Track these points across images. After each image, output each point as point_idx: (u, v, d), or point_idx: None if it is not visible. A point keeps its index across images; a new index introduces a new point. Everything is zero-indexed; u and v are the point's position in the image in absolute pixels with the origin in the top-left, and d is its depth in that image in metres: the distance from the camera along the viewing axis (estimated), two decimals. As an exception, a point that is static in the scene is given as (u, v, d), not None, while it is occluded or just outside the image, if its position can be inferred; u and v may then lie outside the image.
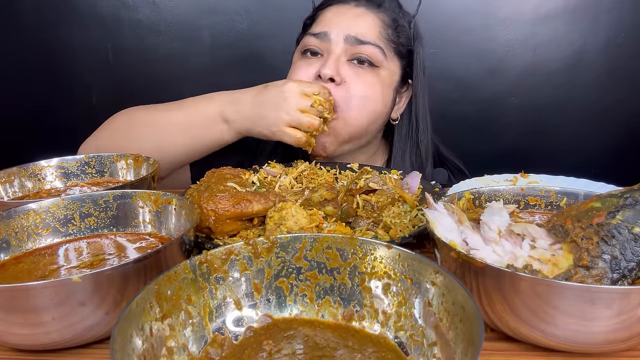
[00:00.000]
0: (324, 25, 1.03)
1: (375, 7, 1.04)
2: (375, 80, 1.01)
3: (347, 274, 0.52)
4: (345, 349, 0.47)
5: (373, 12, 1.04)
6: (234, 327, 0.50)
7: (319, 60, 1.01)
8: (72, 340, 0.51)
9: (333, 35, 1.00)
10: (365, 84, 0.99)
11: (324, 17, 1.05)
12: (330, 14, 1.04)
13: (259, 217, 0.73)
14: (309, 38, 1.03)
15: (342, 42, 0.99)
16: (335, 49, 0.99)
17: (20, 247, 0.66)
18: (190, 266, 0.48)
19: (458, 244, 0.57)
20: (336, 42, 1.00)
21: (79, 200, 0.70)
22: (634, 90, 1.85)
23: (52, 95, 1.90)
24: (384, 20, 1.04)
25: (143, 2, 1.81)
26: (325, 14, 1.05)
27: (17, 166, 0.93)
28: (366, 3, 1.04)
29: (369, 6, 1.04)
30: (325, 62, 0.98)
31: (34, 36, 1.84)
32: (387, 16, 1.05)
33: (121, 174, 0.99)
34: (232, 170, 0.83)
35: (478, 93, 1.85)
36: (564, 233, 0.54)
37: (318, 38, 1.01)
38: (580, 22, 1.78)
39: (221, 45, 1.84)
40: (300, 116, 0.91)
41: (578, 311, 0.44)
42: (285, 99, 0.91)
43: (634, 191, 0.55)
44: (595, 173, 0.89)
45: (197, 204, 0.70)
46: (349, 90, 0.98)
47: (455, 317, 0.42)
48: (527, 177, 0.91)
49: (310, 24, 1.08)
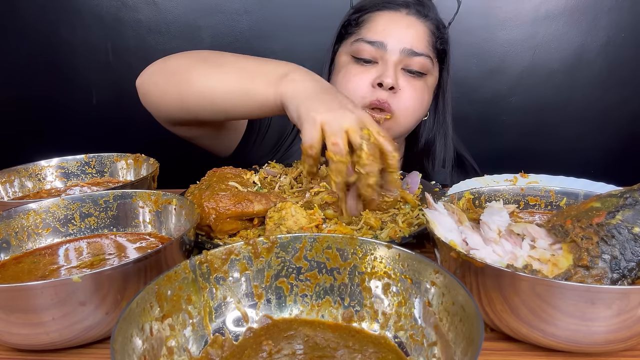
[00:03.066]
0: (378, 33, 1.04)
1: (424, 16, 1.07)
2: (424, 87, 1.08)
3: (347, 274, 0.52)
4: (345, 349, 0.47)
5: (422, 21, 1.07)
6: (234, 327, 0.50)
7: (374, 68, 1.04)
8: (72, 340, 0.51)
9: (390, 46, 1.03)
10: (416, 92, 1.06)
11: (377, 24, 1.06)
12: (384, 22, 1.06)
13: (259, 217, 0.73)
14: (364, 45, 1.04)
15: (399, 53, 1.03)
16: (391, 58, 1.03)
17: (20, 247, 0.66)
18: (190, 266, 0.48)
19: (458, 244, 0.57)
20: (392, 52, 1.03)
21: (79, 200, 0.70)
22: (634, 90, 1.85)
23: (52, 95, 1.90)
24: (431, 29, 1.08)
25: (143, 2, 1.80)
26: (377, 20, 1.06)
27: (17, 166, 0.93)
28: (416, 12, 1.07)
29: (418, 15, 1.07)
30: (385, 72, 1.02)
31: (34, 36, 1.84)
32: (432, 24, 1.08)
33: (121, 174, 0.99)
34: (233, 170, 0.83)
35: (478, 93, 1.85)
36: (563, 233, 0.54)
37: (374, 46, 1.03)
38: (580, 22, 1.78)
39: (221, 45, 1.84)
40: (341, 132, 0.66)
41: (578, 311, 0.45)
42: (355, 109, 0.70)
43: (634, 191, 0.55)
44: (595, 173, 0.89)
45: (198, 202, 0.70)
46: (402, 98, 1.04)
47: (455, 317, 0.42)
48: (527, 177, 0.91)
49: (357, 24, 1.09)
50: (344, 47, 1.11)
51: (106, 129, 1.85)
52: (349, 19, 1.12)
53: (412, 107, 1.06)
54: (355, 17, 1.10)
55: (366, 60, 1.05)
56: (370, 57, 1.04)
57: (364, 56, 1.04)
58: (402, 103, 1.04)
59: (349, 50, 1.08)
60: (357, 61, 1.06)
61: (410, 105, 1.05)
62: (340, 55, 1.12)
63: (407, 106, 1.04)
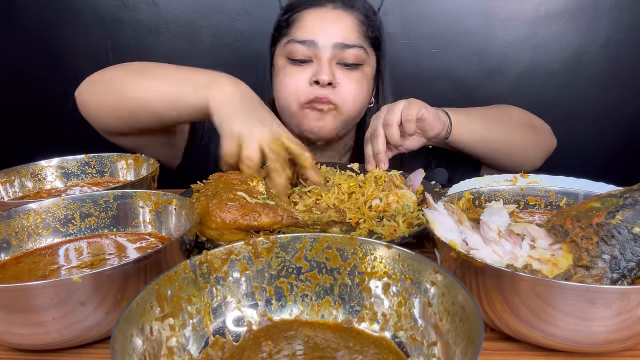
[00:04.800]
0: (307, 31, 1.05)
1: (350, 7, 1.08)
2: (362, 77, 1.09)
3: (347, 274, 0.52)
4: (345, 350, 0.47)
5: (349, 13, 1.07)
6: (234, 327, 0.50)
7: (310, 67, 1.05)
8: (72, 340, 0.51)
9: (321, 43, 1.03)
10: (354, 84, 1.07)
11: (305, 22, 1.06)
12: (311, 19, 1.06)
13: (265, 230, 0.72)
14: (295, 45, 1.05)
15: (330, 49, 1.04)
16: (324, 54, 1.04)
17: (20, 247, 0.66)
18: (191, 266, 0.48)
19: (458, 244, 0.57)
20: (324, 49, 1.03)
21: (79, 200, 0.70)
22: (634, 90, 1.85)
23: (52, 95, 1.90)
24: (360, 19, 1.08)
25: (143, 2, 1.80)
26: (304, 18, 1.07)
27: (17, 166, 0.93)
28: (342, 5, 1.07)
29: (345, 8, 1.07)
30: (320, 69, 1.03)
31: (34, 36, 1.84)
32: (360, 14, 1.08)
33: (121, 174, 0.99)
34: (239, 176, 0.82)
35: (478, 93, 1.85)
36: (563, 233, 0.54)
37: (305, 45, 1.04)
38: (580, 22, 1.78)
39: (221, 45, 1.84)
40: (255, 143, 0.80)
41: (578, 311, 0.45)
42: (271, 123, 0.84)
43: (634, 191, 0.55)
44: (595, 173, 0.89)
45: (204, 209, 0.69)
46: (342, 91, 1.06)
47: (455, 317, 0.42)
48: (526, 177, 0.91)
49: (287, 25, 1.09)
50: (279, 49, 1.11)
51: (106, 129, 1.85)
52: (279, 21, 1.12)
53: (352, 98, 1.07)
54: (285, 18, 1.10)
55: (301, 60, 1.05)
56: (304, 56, 1.05)
57: (298, 57, 1.05)
58: (342, 96, 1.05)
59: (284, 52, 1.08)
60: (293, 62, 1.06)
61: (350, 98, 1.07)
62: (277, 58, 1.12)
63: (347, 99, 1.06)
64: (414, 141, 0.99)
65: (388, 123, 0.92)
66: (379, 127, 0.94)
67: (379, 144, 0.93)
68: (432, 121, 0.94)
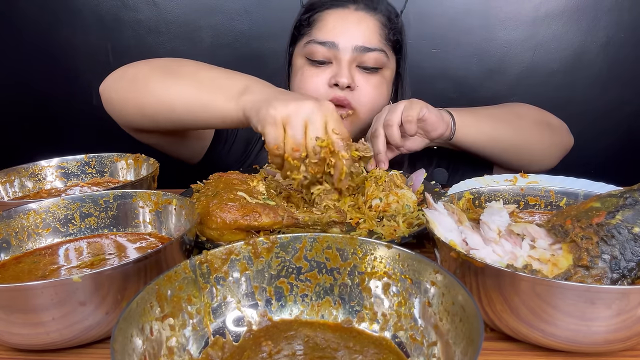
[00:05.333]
0: (328, 32, 1.04)
1: (373, 10, 1.06)
2: (381, 81, 1.08)
3: (347, 274, 0.52)
4: (345, 350, 0.47)
5: (371, 15, 1.06)
6: (234, 327, 0.50)
7: (329, 68, 1.04)
8: (72, 340, 0.51)
9: (342, 45, 1.02)
10: (374, 88, 1.06)
11: (326, 23, 1.05)
12: (333, 20, 1.05)
13: (265, 230, 0.72)
14: (315, 46, 1.04)
15: (351, 51, 1.02)
16: (344, 57, 1.03)
17: (20, 247, 0.66)
18: (191, 266, 0.48)
19: (458, 244, 0.57)
20: (345, 51, 1.02)
21: (79, 200, 0.70)
22: (634, 90, 1.85)
23: (52, 95, 1.90)
24: (382, 21, 1.06)
25: (143, 2, 1.80)
26: (326, 19, 1.06)
27: (17, 166, 0.93)
28: (365, 7, 1.06)
29: (367, 10, 1.06)
30: (340, 71, 1.02)
31: (34, 36, 1.84)
32: (383, 16, 1.07)
33: (121, 174, 0.99)
34: (239, 176, 0.82)
35: (478, 93, 1.85)
36: (563, 233, 0.54)
37: (326, 47, 1.03)
38: (580, 22, 1.78)
39: (221, 45, 1.84)
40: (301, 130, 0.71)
41: (578, 311, 0.45)
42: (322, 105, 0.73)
43: (634, 191, 0.55)
44: (595, 173, 0.89)
45: (205, 209, 0.69)
46: (360, 95, 1.05)
47: (455, 317, 0.42)
48: (526, 177, 0.91)
49: (308, 25, 1.08)
50: (298, 49, 1.10)
51: (106, 128, 1.85)
52: (300, 20, 1.11)
53: (371, 102, 1.06)
54: (306, 18, 1.09)
55: (320, 62, 1.04)
56: (324, 57, 1.04)
57: (317, 58, 1.04)
58: (360, 100, 1.04)
59: (303, 52, 1.07)
60: (312, 63, 1.05)
61: (369, 101, 1.06)
62: (295, 58, 1.11)
63: (365, 102, 1.05)
64: (416, 142, 0.99)
65: (388, 124, 0.92)
66: (380, 128, 0.94)
67: (379, 145, 0.93)
68: (435, 122, 0.94)
